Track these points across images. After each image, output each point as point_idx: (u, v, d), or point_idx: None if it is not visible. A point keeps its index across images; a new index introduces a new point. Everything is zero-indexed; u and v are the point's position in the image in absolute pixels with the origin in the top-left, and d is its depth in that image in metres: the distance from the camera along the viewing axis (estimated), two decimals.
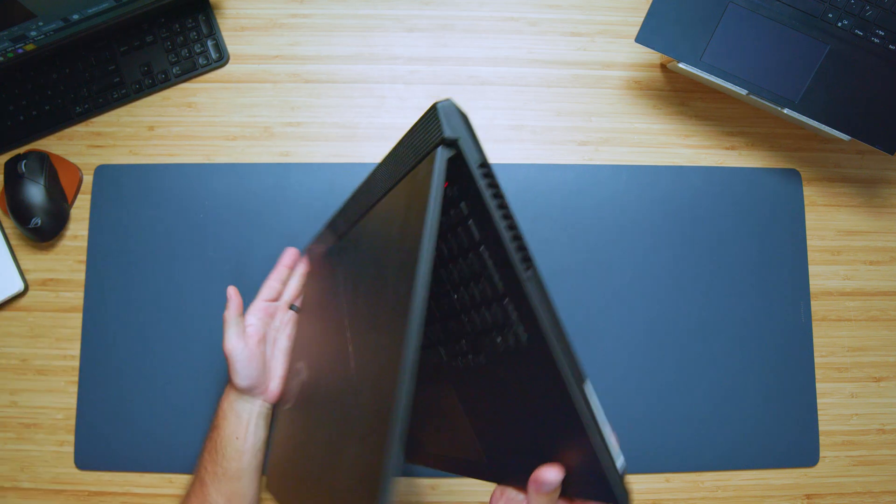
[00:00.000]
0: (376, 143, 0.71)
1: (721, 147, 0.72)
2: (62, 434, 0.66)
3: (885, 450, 0.68)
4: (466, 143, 0.36)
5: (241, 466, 0.57)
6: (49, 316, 0.68)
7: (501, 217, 0.36)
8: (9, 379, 0.67)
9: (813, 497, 0.67)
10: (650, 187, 0.70)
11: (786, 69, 0.65)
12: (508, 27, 0.73)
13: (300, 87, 0.72)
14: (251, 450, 0.58)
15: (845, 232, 0.71)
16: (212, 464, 0.57)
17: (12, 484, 0.65)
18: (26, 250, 0.69)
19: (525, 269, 0.35)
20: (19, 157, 0.67)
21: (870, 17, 0.64)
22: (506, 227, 0.36)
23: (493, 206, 0.36)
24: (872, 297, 0.70)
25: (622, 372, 0.67)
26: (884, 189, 0.72)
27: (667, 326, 0.68)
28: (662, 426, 0.66)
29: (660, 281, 0.69)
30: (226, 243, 0.68)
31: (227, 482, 0.56)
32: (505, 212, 0.36)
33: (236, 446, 0.57)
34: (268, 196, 0.69)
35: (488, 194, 0.36)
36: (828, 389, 0.68)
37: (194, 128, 0.71)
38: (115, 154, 0.70)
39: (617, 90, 0.72)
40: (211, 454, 0.57)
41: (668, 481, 0.66)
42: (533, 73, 0.72)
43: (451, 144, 0.36)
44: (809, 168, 0.72)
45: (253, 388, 0.58)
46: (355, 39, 0.72)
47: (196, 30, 0.71)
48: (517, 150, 0.71)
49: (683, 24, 0.65)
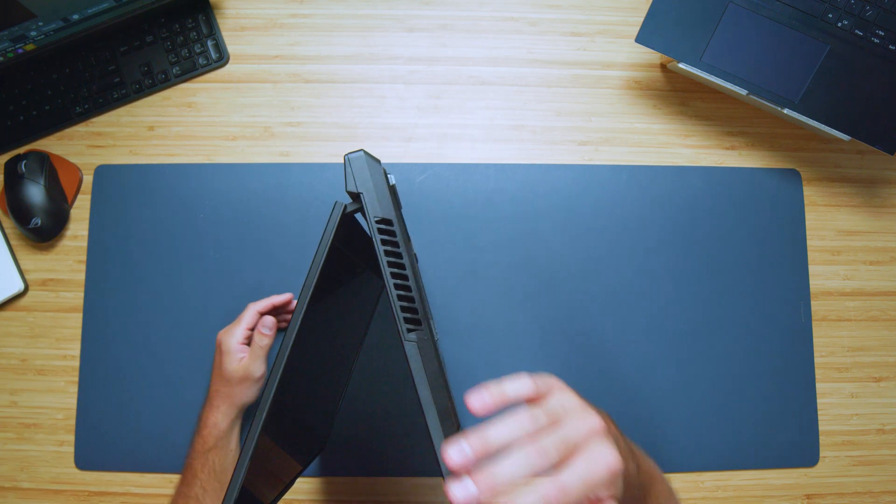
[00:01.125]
0: (376, 143, 0.71)
1: (721, 147, 0.72)
2: (62, 434, 0.66)
3: (885, 450, 0.68)
4: (370, 197, 0.37)
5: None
6: (49, 316, 0.68)
7: (391, 276, 0.36)
8: (9, 379, 0.67)
9: (813, 497, 0.67)
10: (650, 187, 0.70)
11: (786, 69, 0.65)
12: (508, 27, 0.73)
13: (300, 87, 0.72)
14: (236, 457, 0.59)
15: (845, 232, 0.71)
16: (210, 482, 0.56)
17: (12, 484, 0.65)
18: (26, 250, 0.69)
19: (408, 331, 0.35)
20: (19, 157, 0.67)
21: (870, 17, 0.64)
22: (394, 286, 0.36)
23: (384, 264, 0.36)
24: (872, 297, 0.70)
25: (622, 372, 0.67)
26: (884, 189, 0.72)
27: (667, 326, 0.68)
28: (662, 426, 0.66)
29: (660, 281, 0.69)
30: (226, 243, 0.68)
31: (223, 489, 0.57)
32: (396, 270, 0.36)
33: (231, 458, 0.59)
34: (268, 196, 0.69)
35: (381, 251, 0.36)
36: (828, 389, 0.68)
37: (194, 128, 0.71)
38: (115, 154, 0.70)
39: (617, 90, 0.72)
40: (209, 474, 0.56)
41: None
42: (533, 73, 0.72)
43: (355, 198, 0.38)
44: (809, 168, 0.72)
45: (251, 403, 0.60)
46: (355, 39, 0.72)
47: (196, 30, 0.71)
48: (517, 150, 0.71)
49: (683, 24, 0.65)
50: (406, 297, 0.36)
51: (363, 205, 0.37)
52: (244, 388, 0.58)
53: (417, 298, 0.37)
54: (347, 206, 0.38)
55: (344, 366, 0.64)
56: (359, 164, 0.38)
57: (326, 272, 0.37)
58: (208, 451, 0.57)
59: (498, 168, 0.70)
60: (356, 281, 0.53)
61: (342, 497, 0.65)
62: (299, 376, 0.47)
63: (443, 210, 0.69)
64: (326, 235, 0.37)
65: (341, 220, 0.37)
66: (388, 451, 0.65)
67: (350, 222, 0.40)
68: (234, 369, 0.58)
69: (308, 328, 0.40)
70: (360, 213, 0.38)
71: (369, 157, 0.38)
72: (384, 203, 0.38)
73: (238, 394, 0.58)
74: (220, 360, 0.59)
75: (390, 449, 0.65)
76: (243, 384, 0.58)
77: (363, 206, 0.37)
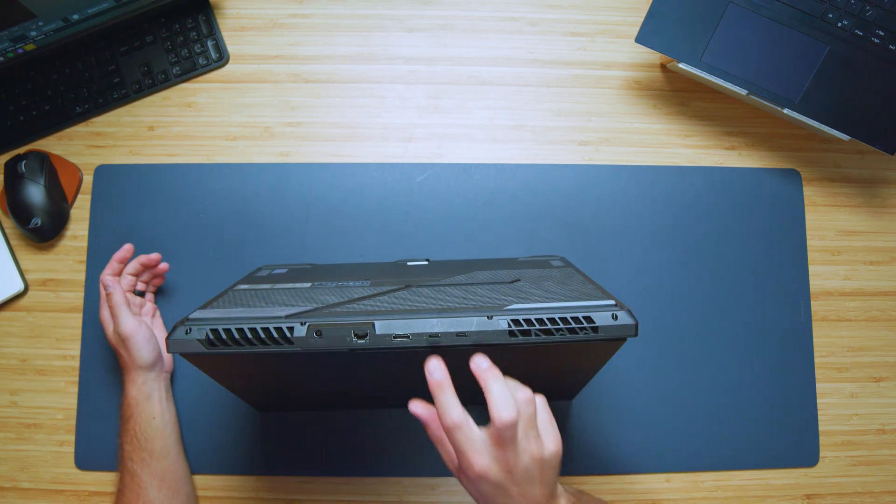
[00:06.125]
0: (376, 143, 0.71)
1: (721, 147, 0.72)
2: (62, 434, 0.66)
3: (885, 450, 0.68)
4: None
5: (165, 444, 0.59)
6: (49, 316, 0.68)
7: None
8: (9, 379, 0.67)
9: (813, 497, 0.67)
10: (650, 187, 0.70)
11: (786, 69, 0.65)
12: (508, 27, 0.73)
13: (300, 87, 0.72)
14: (170, 424, 0.60)
15: (845, 232, 0.71)
16: (136, 451, 0.57)
17: (12, 484, 0.65)
18: (26, 250, 0.69)
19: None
20: (19, 157, 0.67)
21: (870, 17, 0.64)
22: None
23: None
24: (872, 297, 0.70)
25: (622, 372, 0.67)
26: (884, 189, 0.72)
27: (667, 326, 0.68)
28: (662, 426, 0.66)
29: (660, 281, 0.69)
30: (226, 243, 0.68)
31: (156, 462, 0.58)
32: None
33: (155, 426, 0.59)
34: (268, 196, 0.69)
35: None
36: (828, 389, 0.68)
37: (194, 128, 0.71)
38: (115, 154, 0.70)
39: (617, 90, 0.72)
40: (132, 444, 0.58)
41: (668, 481, 0.66)
42: (533, 73, 0.72)
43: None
44: (809, 168, 0.72)
45: (156, 362, 0.60)
46: (355, 39, 0.72)
47: (196, 30, 0.71)
48: (517, 150, 0.71)
49: (683, 24, 0.65)
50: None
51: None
52: (129, 350, 0.58)
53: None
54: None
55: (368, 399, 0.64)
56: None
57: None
58: (127, 422, 0.59)
59: (498, 168, 0.70)
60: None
61: (342, 497, 0.65)
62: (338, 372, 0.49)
63: (443, 210, 0.69)
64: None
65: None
66: (388, 451, 0.65)
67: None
68: (110, 337, 0.60)
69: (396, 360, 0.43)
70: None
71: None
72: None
73: (129, 357, 0.59)
74: (106, 337, 0.61)
75: (390, 449, 0.65)
76: (124, 346, 0.58)
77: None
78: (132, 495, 0.56)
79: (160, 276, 0.66)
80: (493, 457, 0.40)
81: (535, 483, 0.41)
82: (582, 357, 0.49)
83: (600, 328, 0.41)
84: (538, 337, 0.41)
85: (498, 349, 0.41)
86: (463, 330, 0.41)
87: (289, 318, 0.42)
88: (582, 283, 0.49)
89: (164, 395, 0.61)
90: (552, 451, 0.41)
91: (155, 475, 0.57)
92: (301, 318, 0.42)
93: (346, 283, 0.52)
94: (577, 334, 0.41)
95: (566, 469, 0.65)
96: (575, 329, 0.41)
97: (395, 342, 0.41)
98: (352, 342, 0.41)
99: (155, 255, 0.63)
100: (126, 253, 0.63)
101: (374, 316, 0.41)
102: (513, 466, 0.40)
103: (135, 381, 0.59)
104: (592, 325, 0.41)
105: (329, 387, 0.57)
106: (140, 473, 0.57)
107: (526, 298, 0.44)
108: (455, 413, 0.39)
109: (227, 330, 0.41)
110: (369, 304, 0.45)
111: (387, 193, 0.70)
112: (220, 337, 0.41)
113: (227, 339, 0.41)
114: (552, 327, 0.41)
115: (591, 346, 0.43)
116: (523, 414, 0.40)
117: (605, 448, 0.66)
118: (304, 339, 0.41)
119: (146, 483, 0.57)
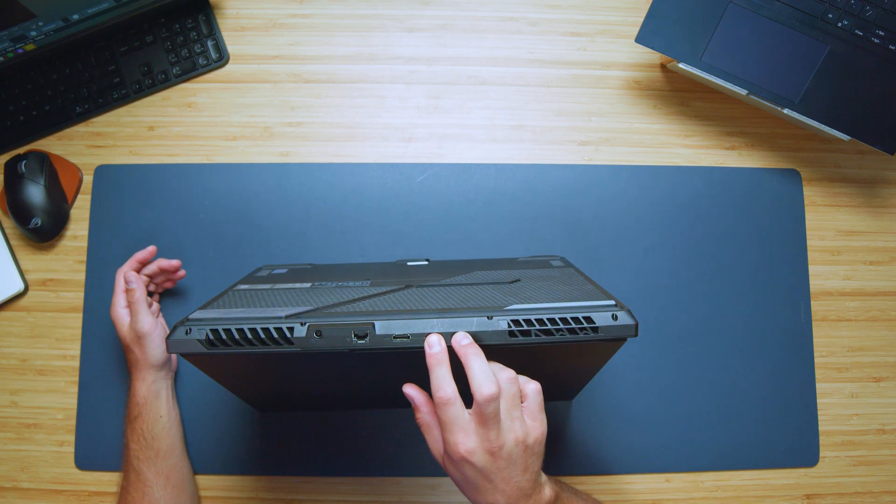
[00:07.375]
0: (376, 143, 0.71)
1: (721, 147, 0.72)
2: (62, 434, 0.66)
3: (885, 450, 0.68)
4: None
5: (171, 442, 0.59)
6: (49, 316, 0.68)
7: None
8: (9, 379, 0.67)
9: (813, 497, 0.67)
10: (650, 187, 0.70)
11: (786, 69, 0.65)
12: (508, 27, 0.73)
13: (300, 87, 0.72)
14: (175, 423, 0.61)
15: (845, 232, 0.71)
16: (143, 450, 0.58)
17: (12, 484, 0.65)
18: (26, 250, 0.69)
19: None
20: (19, 157, 0.67)
21: (870, 17, 0.64)
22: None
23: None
24: (872, 297, 0.70)
25: (622, 372, 0.67)
26: (884, 189, 0.72)
27: (667, 326, 0.68)
28: (662, 426, 0.66)
29: (660, 281, 0.69)
30: (226, 243, 0.68)
31: (162, 461, 0.58)
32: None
33: (162, 424, 0.59)
34: (268, 196, 0.69)
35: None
36: (828, 389, 0.68)
37: (194, 128, 0.71)
38: (115, 154, 0.70)
39: (617, 90, 0.72)
40: (139, 442, 0.58)
41: (668, 481, 0.66)
42: (533, 73, 0.72)
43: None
44: (809, 168, 0.72)
45: (166, 362, 0.61)
46: (355, 39, 0.72)
47: (196, 30, 0.71)
48: (517, 150, 0.71)
49: (683, 24, 0.65)
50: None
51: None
52: (143, 348, 0.59)
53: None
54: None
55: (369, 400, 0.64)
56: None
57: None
58: (134, 420, 0.59)
59: (498, 168, 0.70)
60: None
61: (342, 497, 0.65)
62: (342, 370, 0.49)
63: (443, 210, 0.69)
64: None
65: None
66: (387, 451, 0.65)
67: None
68: (125, 334, 0.60)
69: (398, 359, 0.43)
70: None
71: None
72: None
73: (141, 355, 0.59)
74: (118, 333, 0.60)
75: (390, 449, 0.65)
76: (139, 344, 0.59)
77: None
78: (137, 494, 0.57)
79: (172, 281, 0.66)
80: (478, 437, 0.40)
81: (518, 468, 0.41)
82: (582, 357, 0.49)
83: (600, 328, 0.41)
84: (538, 337, 0.41)
85: (498, 349, 0.41)
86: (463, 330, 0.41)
87: (289, 319, 0.42)
88: (582, 284, 0.49)
89: (170, 394, 0.61)
90: (536, 437, 0.41)
91: (161, 474, 0.58)
92: (301, 318, 0.42)
93: (346, 283, 0.52)
94: (577, 334, 0.41)
95: (566, 469, 0.65)
96: (575, 329, 0.41)
97: (395, 342, 0.41)
98: (352, 342, 0.41)
99: (176, 261, 0.63)
100: (148, 255, 0.63)
101: (374, 316, 0.42)
102: (496, 448, 0.40)
103: (145, 379, 0.59)
104: (592, 326, 0.41)
105: (329, 387, 0.57)
106: (146, 472, 0.57)
107: (526, 299, 0.44)
108: (448, 388, 0.40)
109: (227, 330, 0.41)
110: (369, 304, 0.45)
111: (387, 193, 0.70)
112: (220, 337, 0.41)
113: (227, 340, 0.41)
114: (552, 327, 0.41)
115: (591, 346, 0.43)
116: (506, 392, 0.40)
117: (606, 448, 0.66)
118: (304, 339, 0.41)
119: (152, 482, 0.57)
